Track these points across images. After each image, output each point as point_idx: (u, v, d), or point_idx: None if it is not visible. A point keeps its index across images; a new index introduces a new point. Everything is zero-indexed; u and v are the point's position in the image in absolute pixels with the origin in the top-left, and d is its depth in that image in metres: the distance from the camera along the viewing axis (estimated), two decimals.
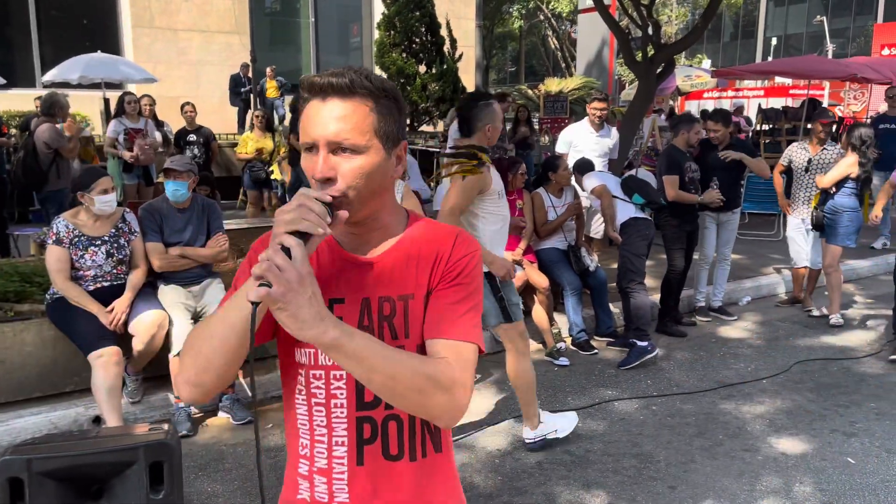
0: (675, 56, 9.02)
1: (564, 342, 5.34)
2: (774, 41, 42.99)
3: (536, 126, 13.50)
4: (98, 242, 3.91)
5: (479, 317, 1.33)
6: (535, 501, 3.30)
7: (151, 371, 4.15)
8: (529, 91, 19.79)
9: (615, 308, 5.71)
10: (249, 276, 1.11)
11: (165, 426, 2.44)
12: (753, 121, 14.98)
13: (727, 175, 5.76)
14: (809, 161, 6.11)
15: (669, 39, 21.32)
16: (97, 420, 3.90)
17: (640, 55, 8.53)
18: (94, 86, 10.12)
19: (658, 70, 8.39)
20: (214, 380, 1.22)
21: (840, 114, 16.16)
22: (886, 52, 20.35)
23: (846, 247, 5.85)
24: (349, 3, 17.83)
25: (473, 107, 3.51)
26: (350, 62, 18.16)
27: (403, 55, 13.77)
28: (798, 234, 6.23)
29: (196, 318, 4.10)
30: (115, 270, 3.97)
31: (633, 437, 3.93)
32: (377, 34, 14.35)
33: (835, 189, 5.74)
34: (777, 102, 18.13)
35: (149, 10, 14.31)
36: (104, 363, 3.64)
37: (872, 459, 3.66)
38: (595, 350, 5.30)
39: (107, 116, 8.99)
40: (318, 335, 1.09)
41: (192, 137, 8.62)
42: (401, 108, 1.27)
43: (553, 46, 33.92)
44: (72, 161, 6.72)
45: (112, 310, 3.82)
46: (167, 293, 4.08)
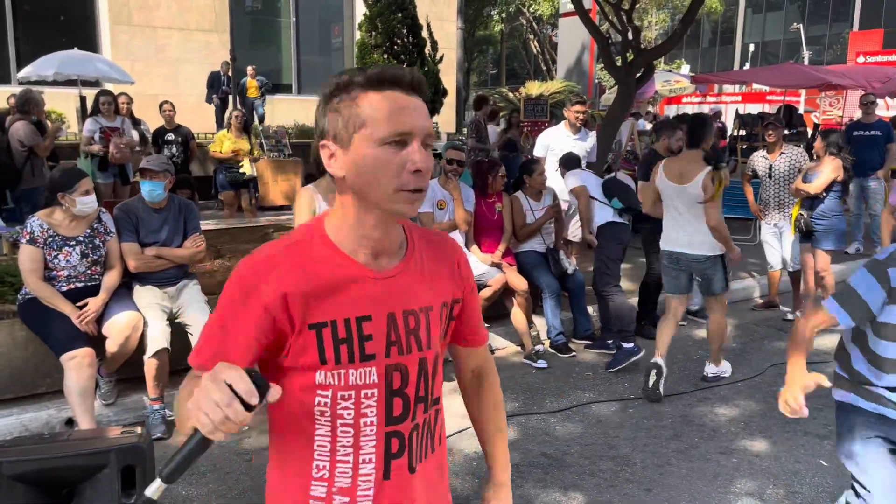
0: (655, 61, 9.11)
1: (543, 345, 5.36)
2: (752, 47, 43.56)
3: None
4: (73, 243, 3.86)
5: None
6: None
7: (125, 373, 4.10)
8: (510, 94, 19.85)
9: (592, 311, 5.74)
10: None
11: (138, 429, 2.40)
12: (730, 127, 15.16)
13: None
14: (770, 168, 6.23)
15: (649, 44, 21.51)
16: (69, 422, 3.85)
17: (620, 60, 8.59)
18: (71, 83, 9.99)
19: (637, 75, 8.47)
20: None
21: (815, 120, 16.42)
22: (862, 60, 20.69)
23: (840, 250, 5.95)
24: (330, 4, 17.77)
25: (704, 123, 4.62)
26: (331, 63, 18.19)
27: (385, 56, 13.75)
28: (772, 238, 6.33)
29: (172, 320, 4.06)
30: (90, 271, 3.92)
31: (610, 440, 3.95)
32: (358, 35, 14.29)
33: (824, 193, 5.81)
34: (754, 108, 18.38)
35: (127, 7, 14.16)
36: (77, 364, 3.59)
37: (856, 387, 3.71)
38: (573, 352, 5.32)
39: (83, 114, 8.87)
40: None
41: (171, 136, 8.53)
42: None
43: (534, 50, 34.07)
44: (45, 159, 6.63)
45: (85, 306, 3.77)
46: (142, 294, 4.03)
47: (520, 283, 5.22)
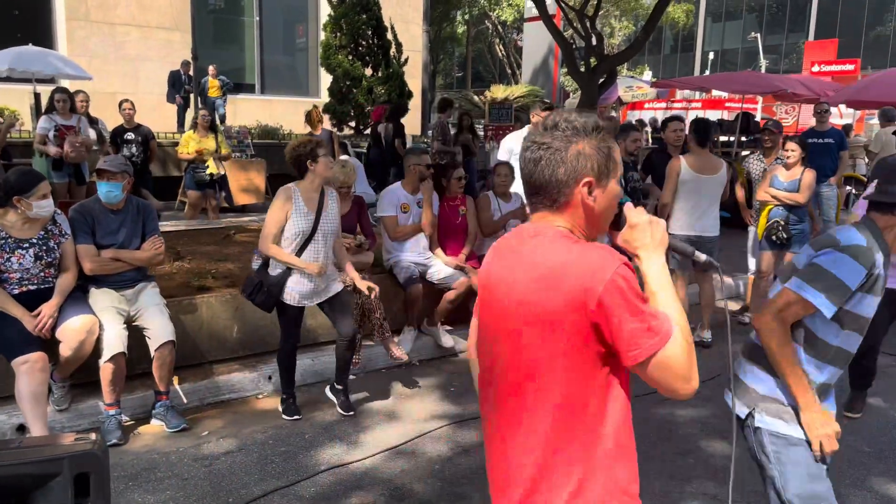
0: (618, 67, 9.24)
1: None
2: (712, 55, 44.45)
3: (481, 132, 13.60)
4: (26, 245, 3.76)
5: None
6: None
7: (80, 378, 4.00)
8: (476, 97, 19.93)
9: None
10: None
11: (93, 435, 2.35)
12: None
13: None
14: (765, 171, 6.34)
15: (613, 51, 21.79)
16: (21, 429, 3.74)
17: (584, 65, 8.70)
18: (26, 80, 9.73)
19: (600, 80, 8.59)
20: None
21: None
22: (817, 69, 21.30)
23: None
24: (295, 4, 17.63)
25: (708, 126, 5.43)
26: (295, 63, 18.06)
27: (349, 57, 13.71)
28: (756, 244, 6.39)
29: (129, 323, 3.98)
30: (44, 273, 3.82)
31: None
32: (323, 35, 14.26)
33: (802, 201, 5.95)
34: (714, 115, 18.74)
35: (84, 3, 13.86)
36: (29, 369, 3.50)
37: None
38: None
39: (37, 112, 8.65)
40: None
41: (130, 136, 8.36)
42: None
43: (499, 53, 34.27)
44: None
45: (39, 314, 3.67)
46: (98, 297, 3.95)
47: None
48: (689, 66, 47.02)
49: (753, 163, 6.54)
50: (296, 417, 4.16)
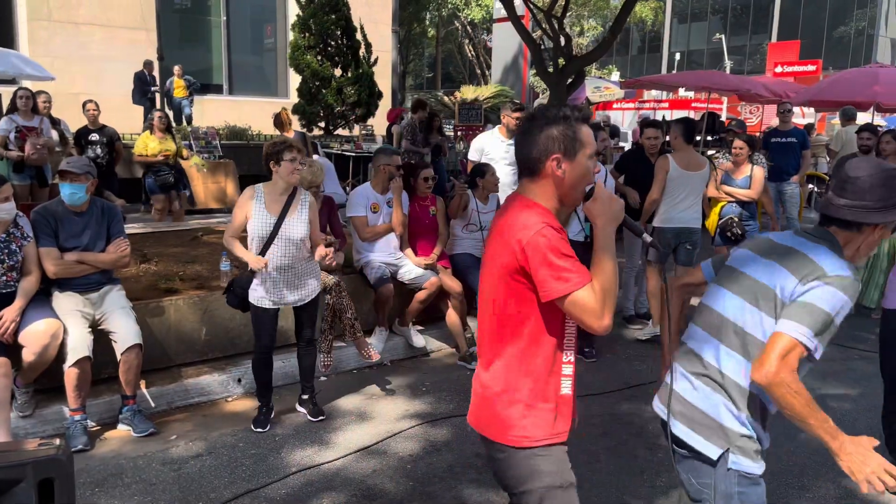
0: (586, 68, 9.32)
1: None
2: (678, 56, 45.08)
3: (451, 133, 13.61)
4: None
5: None
6: None
7: (44, 383, 3.92)
8: (445, 98, 19.95)
9: None
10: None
11: (57, 441, 2.31)
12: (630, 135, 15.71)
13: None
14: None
15: (582, 51, 21.97)
16: None
17: (552, 66, 8.76)
18: None
19: (569, 81, 8.65)
20: None
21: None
22: (780, 69, 21.70)
23: None
24: (263, 3, 17.48)
25: (693, 125, 5.73)
26: (263, 63, 17.91)
27: (318, 58, 13.62)
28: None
29: (94, 327, 3.91)
30: (6, 277, 3.74)
31: None
32: (292, 35, 14.15)
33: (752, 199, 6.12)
34: (680, 115, 18.99)
35: (46, 3, 13.59)
36: None
37: (762, 452, 3.87)
38: None
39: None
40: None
41: (95, 137, 8.20)
42: None
43: (469, 54, 34.35)
44: None
45: (0, 318, 3.60)
46: (62, 301, 3.88)
47: (454, 286, 5.26)
48: (657, 67, 47.63)
49: (722, 162, 6.69)
50: (259, 431, 4.01)
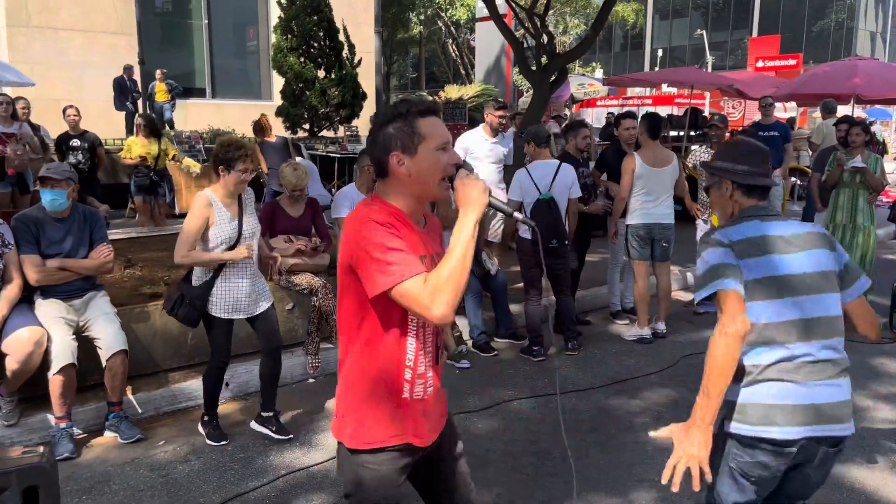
0: (570, 65, 9.36)
1: (465, 345, 5.41)
2: (660, 52, 45.32)
3: None
4: None
5: None
6: None
7: (28, 391, 3.89)
8: (430, 97, 19.94)
9: (519, 307, 5.84)
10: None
11: (41, 449, 2.30)
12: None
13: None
14: None
15: (565, 49, 22.06)
16: None
17: (536, 64, 8.78)
18: None
19: (552, 78, 8.67)
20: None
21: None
22: (761, 64, 21.87)
23: None
24: (244, 6, 17.40)
25: (658, 120, 5.77)
26: (246, 65, 17.83)
27: (301, 59, 13.58)
28: None
29: (79, 334, 3.88)
30: None
31: (532, 436, 4.03)
32: (274, 38, 14.09)
33: None
34: (664, 110, 19.09)
35: (25, 9, 13.46)
36: None
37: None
38: (495, 352, 5.40)
39: None
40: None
41: (76, 143, 8.13)
42: None
43: (452, 54, 34.36)
44: None
45: None
46: (45, 308, 3.84)
47: None
48: (640, 64, 47.89)
49: (702, 156, 6.68)
50: (222, 443, 3.89)
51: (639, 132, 5.69)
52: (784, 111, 18.43)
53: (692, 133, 13.13)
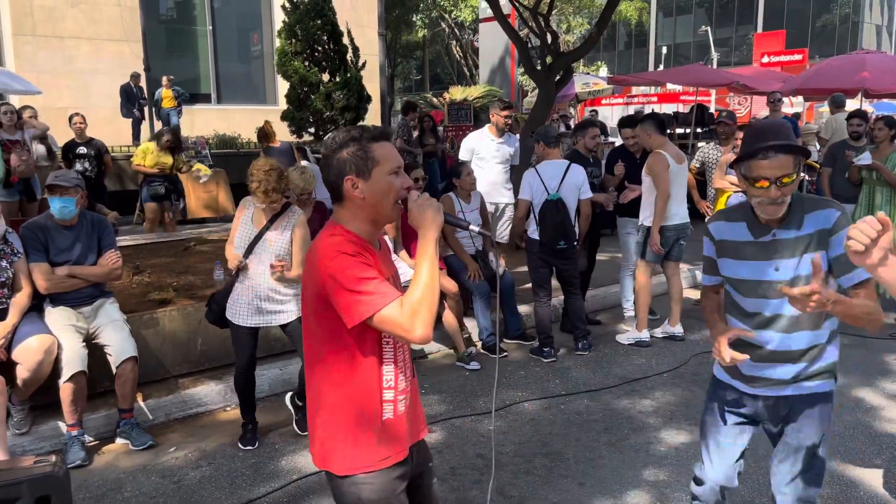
0: (574, 64, 9.32)
1: (475, 346, 5.39)
2: (665, 50, 45.22)
3: (441, 133, 13.59)
4: None
5: None
6: None
7: (40, 399, 3.89)
8: (434, 99, 19.93)
9: (528, 308, 5.82)
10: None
11: (53, 457, 2.30)
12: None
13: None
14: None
15: (569, 48, 22.02)
16: None
17: (540, 64, 8.76)
18: None
19: (556, 78, 8.64)
20: None
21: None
22: (766, 60, 21.76)
23: None
24: (248, 11, 17.42)
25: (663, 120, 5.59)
26: (251, 71, 17.86)
27: (306, 63, 13.59)
28: None
29: (89, 341, 3.88)
30: None
31: (544, 437, 4.01)
32: (278, 42, 14.10)
33: None
34: (669, 108, 19.03)
35: (31, 18, 13.51)
36: None
37: (765, 444, 3.86)
38: (505, 353, 5.38)
39: None
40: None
41: (83, 150, 8.16)
42: None
43: (456, 55, 34.35)
44: None
45: None
46: (55, 316, 3.84)
47: (450, 286, 5.24)
48: (644, 61, 47.78)
49: (710, 152, 6.64)
50: (249, 447, 3.90)
51: (647, 134, 5.55)
52: (790, 106, 18.33)
53: (699, 130, 13.08)
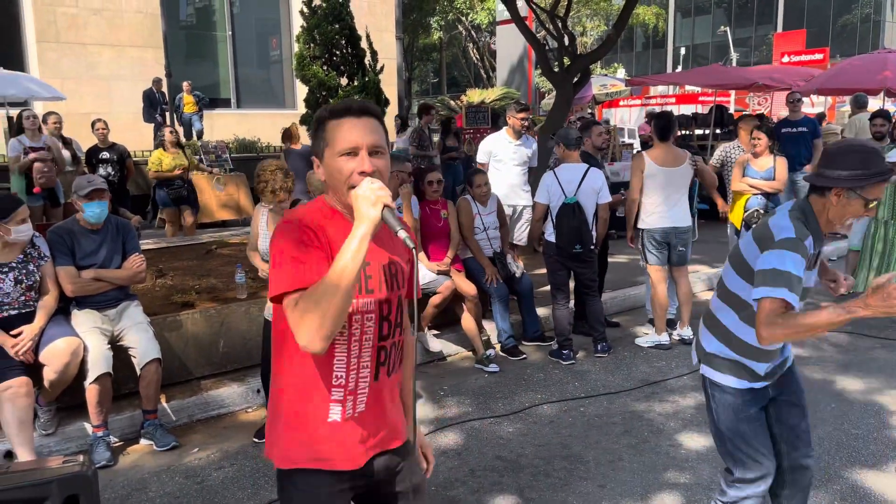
0: (592, 66, 9.31)
1: (494, 349, 5.40)
2: (683, 51, 44.90)
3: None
4: (5, 269, 3.71)
5: None
6: None
7: (66, 401, 3.96)
8: (452, 102, 19.97)
9: (545, 310, 5.82)
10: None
11: (81, 458, 2.34)
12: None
13: None
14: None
15: (586, 50, 21.96)
16: (8, 455, 3.69)
17: (557, 65, 8.75)
18: None
19: (574, 79, 8.64)
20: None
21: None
22: (787, 59, 21.55)
23: None
24: (267, 16, 17.57)
25: (669, 119, 5.52)
26: (270, 76, 18.01)
27: (324, 68, 13.67)
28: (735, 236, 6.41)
29: (113, 343, 3.94)
30: (24, 297, 3.78)
31: (563, 440, 4.01)
32: (297, 47, 14.21)
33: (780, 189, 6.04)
34: (688, 109, 18.90)
35: (54, 25, 13.73)
36: (13, 395, 3.46)
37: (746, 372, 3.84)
38: (524, 355, 5.38)
39: (11, 135, 8.55)
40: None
41: (106, 155, 8.28)
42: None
43: (473, 58, 34.38)
44: None
45: (19, 334, 3.63)
46: (81, 318, 3.91)
47: (469, 289, 5.25)
48: (662, 62, 47.49)
49: (732, 151, 6.58)
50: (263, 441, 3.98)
51: (651, 133, 5.57)
52: (812, 106, 18.15)
53: (718, 131, 12.99)
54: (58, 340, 3.70)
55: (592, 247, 5.31)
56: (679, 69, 38.24)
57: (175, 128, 9.30)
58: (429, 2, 28.62)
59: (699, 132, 13.48)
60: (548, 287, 5.57)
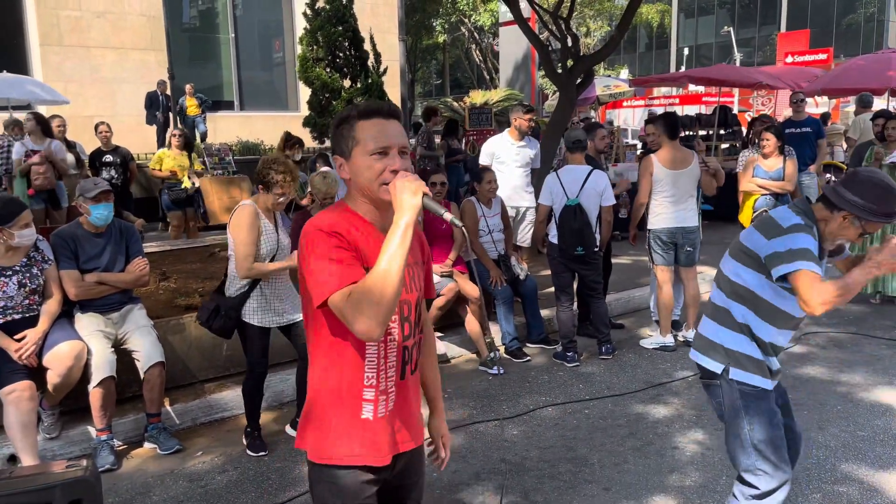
0: (595, 67, 9.29)
1: (498, 351, 5.39)
2: (686, 51, 44.85)
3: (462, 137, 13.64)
4: (9, 273, 3.71)
5: None
6: None
7: (69, 404, 3.96)
8: (455, 103, 19.97)
9: (549, 312, 5.80)
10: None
11: (84, 462, 2.34)
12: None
13: None
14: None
15: (589, 51, 21.90)
16: (12, 459, 3.69)
17: (561, 67, 8.74)
18: (1, 107, 9.65)
19: (578, 80, 8.62)
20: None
21: (748, 118, 16.91)
22: (790, 59, 21.51)
23: None
24: (270, 18, 17.59)
25: (675, 119, 5.54)
26: (273, 78, 18.03)
27: (327, 70, 13.68)
28: None
29: (117, 346, 3.94)
30: (28, 301, 3.78)
31: (568, 442, 3.99)
32: (300, 49, 14.22)
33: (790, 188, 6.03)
34: (691, 110, 18.87)
35: (57, 28, 13.76)
36: (16, 399, 3.46)
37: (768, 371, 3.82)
38: (528, 357, 5.37)
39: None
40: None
41: (109, 158, 8.30)
42: None
43: (476, 59, 34.37)
44: None
45: (22, 338, 3.62)
46: (84, 322, 3.91)
47: (472, 291, 5.24)
48: (665, 63, 47.43)
49: (749, 156, 6.57)
50: (262, 454, 3.91)
51: (656, 133, 5.54)
52: (816, 106, 18.11)
53: (721, 132, 12.96)
54: (61, 344, 3.70)
55: (596, 249, 5.29)
56: (682, 69, 38.18)
57: (182, 130, 9.31)
58: (432, 3, 28.61)
59: (703, 133, 13.44)
60: (552, 289, 5.56)
